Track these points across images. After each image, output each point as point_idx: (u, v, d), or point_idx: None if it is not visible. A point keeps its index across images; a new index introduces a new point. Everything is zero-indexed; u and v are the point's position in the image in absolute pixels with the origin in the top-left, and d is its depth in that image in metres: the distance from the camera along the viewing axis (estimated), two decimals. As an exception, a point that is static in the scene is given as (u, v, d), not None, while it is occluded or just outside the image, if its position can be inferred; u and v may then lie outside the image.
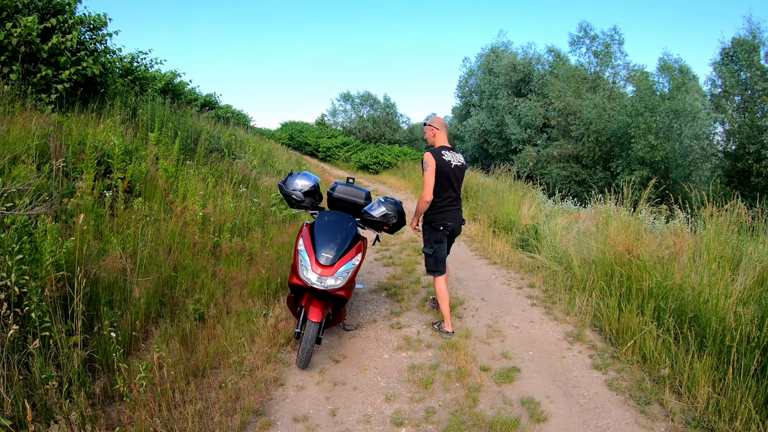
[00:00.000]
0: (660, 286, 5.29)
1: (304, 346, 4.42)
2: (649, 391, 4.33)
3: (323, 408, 4.02)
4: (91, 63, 7.99)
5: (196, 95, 18.34)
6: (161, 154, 7.91)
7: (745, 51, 18.60)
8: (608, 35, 23.74)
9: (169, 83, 14.73)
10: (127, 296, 4.71)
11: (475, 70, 31.40)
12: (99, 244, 5.08)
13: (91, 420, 3.32)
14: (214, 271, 5.97)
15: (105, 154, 6.44)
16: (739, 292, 4.73)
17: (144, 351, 4.44)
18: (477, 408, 4.07)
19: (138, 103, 10.07)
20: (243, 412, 3.76)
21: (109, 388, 3.74)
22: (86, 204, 5.34)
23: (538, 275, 7.53)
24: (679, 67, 22.38)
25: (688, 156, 18.52)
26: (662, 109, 18.44)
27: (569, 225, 9.01)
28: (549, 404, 4.16)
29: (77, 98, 8.22)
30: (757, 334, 4.07)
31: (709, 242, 5.59)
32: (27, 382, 3.35)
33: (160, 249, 5.64)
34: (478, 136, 28.30)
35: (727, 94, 19.57)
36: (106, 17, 8.70)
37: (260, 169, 12.26)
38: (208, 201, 7.28)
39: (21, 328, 3.50)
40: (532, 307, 6.39)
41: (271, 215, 8.97)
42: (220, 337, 4.78)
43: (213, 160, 9.91)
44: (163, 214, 6.29)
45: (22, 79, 7.44)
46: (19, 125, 6.08)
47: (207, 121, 14.23)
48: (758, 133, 17.64)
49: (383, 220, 5.18)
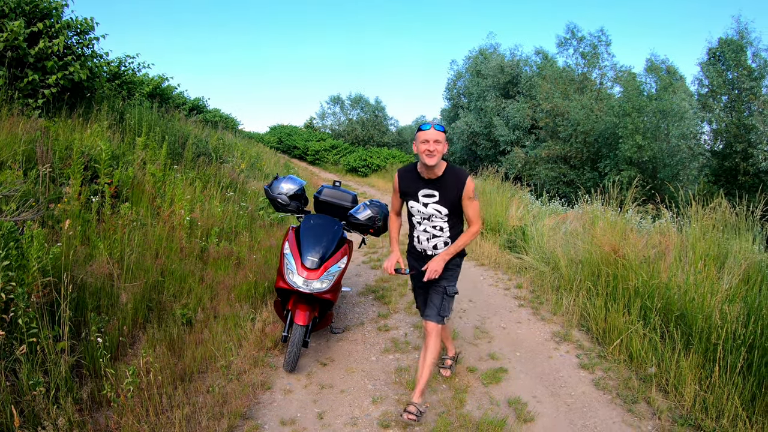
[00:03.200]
0: (646, 285, 5.33)
1: (291, 349, 4.43)
2: (636, 389, 4.37)
3: (310, 411, 4.03)
4: (78, 67, 7.97)
5: (184, 99, 18.30)
6: (148, 159, 7.88)
7: (733, 51, 18.70)
8: (595, 36, 23.80)
9: (156, 87, 14.70)
10: (114, 301, 4.69)
11: (463, 72, 31.42)
12: (86, 250, 5.07)
13: (79, 425, 3.32)
14: (201, 276, 5.96)
15: (92, 159, 6.42)
16: (724, 290, 4.79)
17: (131, 356, 4.43)
18: (464, 409, 4.09)
19: (125, 108, 10.04)
20: (230, 416, 3.76)
21: (96, 393, 3.73)
22: (73, 209, 5.32)
23: (526, 276, 7.57)
24: (666, 68, 22.54)
25: (676, 155, 18.64)
26: (649, 109, 18.53)
27: (557, 226, 9.06)
28: (536, 404, 4.20)
29: (64, 103, 8.19)
30: (743, 332, 4.12)
31: (695, 241, 5.64)
32: (14, 388, 3.34)
33: (147, 254, 5.63)
34: (467, 138, 28.32)
35: (714, 94, 19.66)
36: (93, 21, 8.69)
37: (248, 173, 12.26)
38: (195, 205, 7.27)
39: (8, 334, 3.49)
40: (520, 308, 6.43)
41: (259, 219, 8.98)
42: (207, 342, 4.77)
43: (201, 165, 9.90)
44: (150, 219, 6.27)
45: (8, 84, 7.41)
46: (5, 130, 6.06)
47: (195, 125, 14.20)
48: (745, 132, 17.73)
49: (369, 223, 5.20)
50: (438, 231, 4.02)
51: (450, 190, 3.84)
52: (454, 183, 3.82)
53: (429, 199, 3.90)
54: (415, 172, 3.93)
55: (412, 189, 3.94)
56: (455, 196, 3.84)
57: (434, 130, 3.67)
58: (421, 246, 4.11)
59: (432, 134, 3.65)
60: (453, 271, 4.07)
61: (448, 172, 3.85)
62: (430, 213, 3.94)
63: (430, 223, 3.99)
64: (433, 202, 3.89)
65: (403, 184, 4.01)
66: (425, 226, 4.03)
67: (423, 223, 4.02)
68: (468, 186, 3.80)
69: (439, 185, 3.86)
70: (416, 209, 3.99)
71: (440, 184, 3.85)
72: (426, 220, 3.99)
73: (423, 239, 4.09)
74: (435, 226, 4.00)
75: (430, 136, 3.64)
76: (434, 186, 3.86)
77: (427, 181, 3.87)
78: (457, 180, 3.82)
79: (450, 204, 3.87)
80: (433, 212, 3.93)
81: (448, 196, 3.85)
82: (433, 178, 3.84)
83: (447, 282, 4.02)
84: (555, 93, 22.38)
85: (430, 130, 3.67)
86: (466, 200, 3.84)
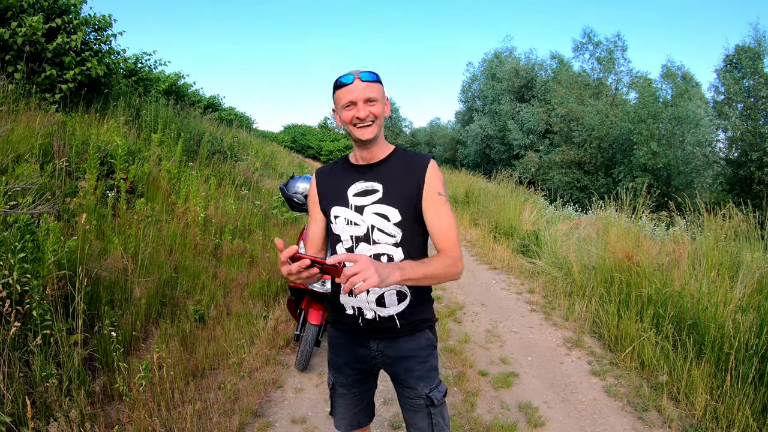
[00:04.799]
0: (659, 293, 5.29)
1: (303, 348, 4.44)
2: (647, 397, 4.33)
3: (322, 410, 4.02)
4: (95, 63, 8.02)
5: (200, 97, 18.39)
6: (164, 156, 7.94)
7: (749, 58, 18.60)
8: (612, 42, 23.79)
9: (173, 84, 14.77)
10: (127, 296, 4.72)
11: (478, 75, 31.49)
12: (101, 244, 5.10)
13: (91, 418, 3.34)
14: (214, 273, 5.99)
15: (108, 154, 6.46)
16: (738, 299, 4.73)
17: (144, 351, 4.45)
18: (475, 412, 4.08)
19: (141, 104, 10.10)
20: (241, 413, 3.77)
21: (108, 387, 3.76)
22: (88, 204, 5.36)
23: (538, 281, 7.54)
24: (682, 74, 22.43)
25: (690, 163, 18.54)
26: (665, 115, 18.46)
27: (570, 231, 9.03)
28: (547, 409, 4.17)
29: (81, 98, 8.25)
30: (756, 342, 4.07)
31: (708, 249, 5.60)
32: (27, 379, 3.36)
33: (161, 250, 5.66)
34: (481, 141, 28.36)
35: (730, 101, 19.55)
36: (111, 18, 8.74)
37: (262, 172, 12.31)
38: (210, 203, 7.31)
39: (22, 325, 3.52)
40: (532, 313, 6.40)
41: (273, 218, 9.01)
42: (219, 339, 4.80)
43: (215, 162, 9.95)
44: (164, 215, 6.31)
45: (26, 78, 7.47)
46: (23, 124, 6.11)
47: (210, 123, 14.27)
48: (761, 141, 17.62)
49: None
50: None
51: (402, 179, 2.14)
52: (408, 167, 2.16)
53: (366, 198, 2.14)
54: (341, 163, 2.30)
55: (338, 188, 2.23)
56: (411, 189, 2.12)
57: (360, 80, 2.06)
58: (354, 302, 2.21)
59: (359, 90, 2.05)
60: (427, 360, 2.28)
61: (396, 153, 2.23)
62: (369, 224, 2.14)
63: (369, 248, 2.15)
64: (372, 202, 2.13)
65: (322, 184, 2.32)
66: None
67: (358, 249, 2.17)
68: (432, 171, 2.13)
69: (383, 173, 2.17)
70: (343, 223, 2.19)
71: (384, 172, 2.17)
72: (362, 243, 2.16)
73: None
74: (378, 255, 2.15)
75: (358, 94, 2.04)
76: (374, 176, 2.16)
77: (363, 170, 2.19)
78: (412, 163, 2.17)
79: (403, 202, 2.11)
80: (373, 222, 2.14)
81: (398, 188, 2.13)
82: (372, 162, 2.20)
83: (425, 382, 2.26)
84: (570, 98, 22.36)
85: (353, 82, 2.05)
86: (430, 198, 2.11)
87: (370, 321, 2.21)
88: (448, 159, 33.97)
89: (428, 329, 2.30)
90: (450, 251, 2.07)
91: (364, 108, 2.05)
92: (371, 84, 2.07)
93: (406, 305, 2.19)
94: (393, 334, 2.24)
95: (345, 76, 2.07)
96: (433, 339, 2.32)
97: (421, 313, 2.25)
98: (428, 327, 2.29)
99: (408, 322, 2.22)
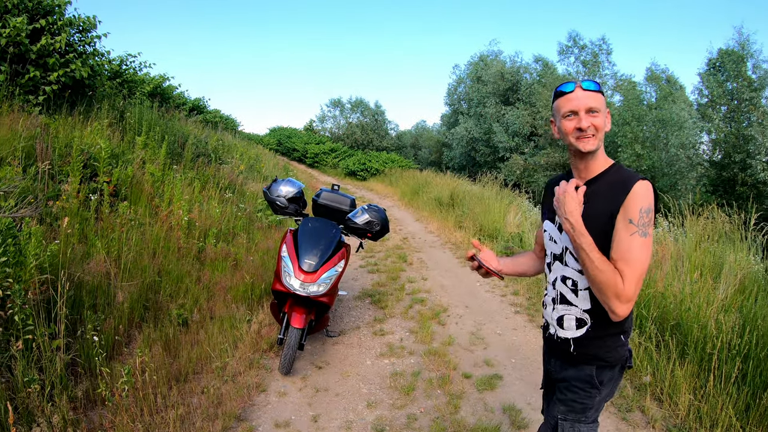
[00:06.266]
0: (642, 294, 5.33)
1: (286, 352, 4.44)
2: (630, 398, 4.38)
3: (305, 414, 4.03)
4: (79, 65, 7.96)
5: (185, 99, 18.27)
6: (148, 158, 7.88)
7: (733, 62, 18.78)
8: (597, 45, 23.86)
9: (157, 87, 14.67)
10: (110, 300, 4.69)
11: (464, 77, 31.48)
12: (83, 248, 5.07)
13: (73, 423, 3.31)
14: (198, 276, 5.97)
15: (91, 157, 6.41)
16: (720, 300, 4.79)
17: (127, 355, 4.43)
18: (458, 415, 4.09)
19: (126, 107, 10.02)
20: (225, 417, 3.77)
21: (91, 392, 3.73)
22: (71, 207, 5.32)
23: (522, 283, 7.57)
24: (666, 77, 22.55)
25: (674, 165, 18.66)
26: (649, 118, 18.58)
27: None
28: (530, 411, 4.19)
29: (65, 100, 8.18)
30: (738, 342, 4.13)
31: (691, 251, 5.65)
32: (9, 384, 3.34)
33: (144, 253, 5.63)
34: (466, 143, 28.37)
35: (714, 104, 19.74)
36: (96, 19, 8.67)
37: (247, 175, 12.25)
38: (193, 206, 7.27)
39: (4, 330, 3.49)
40: (516, 315, 6.43)
41: (257, 221, 8.98)
42: (203, 343, 4.78)
43: (200, 165, 9.89)
44: (148, 219, 6.27)
45: (9, 80, 7.40)
46: (5, 126, 6.05)
47: (195, 126, 14.18)
48: (744, 143, 17.81)
49: (366, 228, 5.19)
50: (568, 288, 2.16)
51: (601, 202, 2.02)
52: (611, 187, 2.02)
53: None
54: (567, 178, 2.20)
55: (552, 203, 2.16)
56: (606, 215, 1.99)
57: (582, 89, 2.02)
58: (547, 315, 2.32)
59: (580, 99, 2.01)
60: (576, 392, 2.19)
61: (610, 171, 2.09)
62: (564, 245, 2.16)
63: (562, 268, 2.18)
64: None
65: (545, 195, 2.39)
66: (555, 273, 2.23)
67: (553, 266, 2.24)
68: (636, 196, 1.93)
69: (590, 192, 2.06)
70: (548, 238, 2.29)
71: (592, 191, 2.07)
72: (557, 261, 2.21)
73: (548, 301, 2.29)
74: (566, 278, 2.17)
75: (579, 103, 2.01)
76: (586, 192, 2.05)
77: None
78: (618, 183, 2.01)
79: (595, 228, 1.98)
80: (567, 244, 2.14)
81: (595, 212, 2.02)
82: (588, 179, 2.11)
83: (562, 412, 2.24)
84: (555, 100, 22.44)
85: (575, 90, 2.02)
86: (622, 222, 1.94)
87: (551, 337, 2.29)
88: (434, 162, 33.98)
89: (598, 368, 2.15)
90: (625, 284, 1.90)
91: (586, 118, 2.00)
92: (593, 93, 2.03)
93: (583, 333, 2.15)
94: (565, 358, 2.25)
95: (566, 84, 2.07)
96: (595, 379, 2.15)
97: (598, 348, 2.14)
98: (598, 365, 2.15)
99: (580, 353, 2.17)
